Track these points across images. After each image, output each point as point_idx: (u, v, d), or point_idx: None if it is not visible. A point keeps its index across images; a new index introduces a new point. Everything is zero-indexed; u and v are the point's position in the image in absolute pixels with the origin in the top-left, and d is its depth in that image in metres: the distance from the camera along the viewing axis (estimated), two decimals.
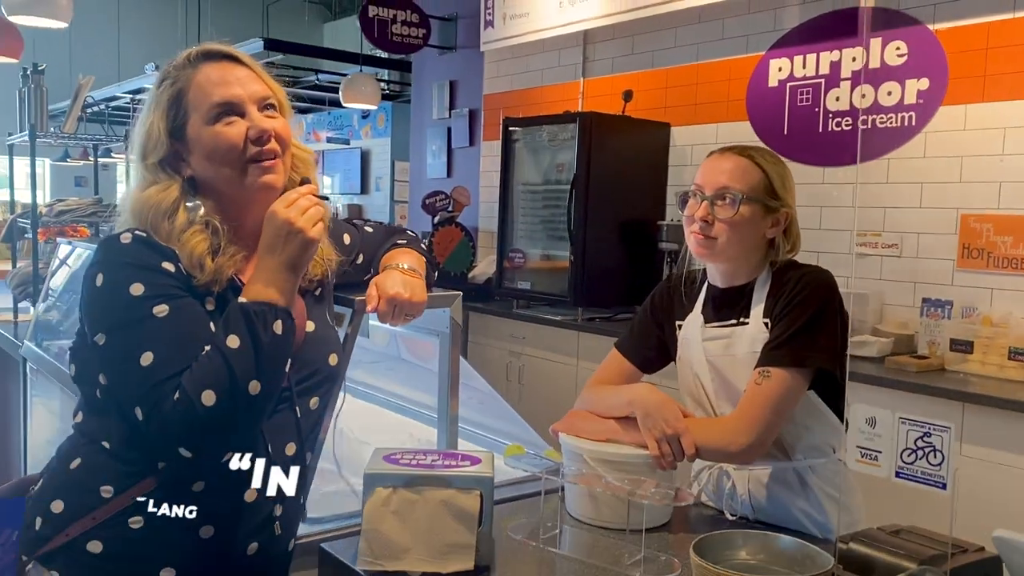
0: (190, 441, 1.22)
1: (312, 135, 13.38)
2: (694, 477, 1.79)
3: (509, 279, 4.89)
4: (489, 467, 1.44)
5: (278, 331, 1.27)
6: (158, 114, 1.37)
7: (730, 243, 1.65)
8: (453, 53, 6.09)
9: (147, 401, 1.21)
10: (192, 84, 1.36)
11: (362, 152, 12.03)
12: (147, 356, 1.22)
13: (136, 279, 1.27)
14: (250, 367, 1.23)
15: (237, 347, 1.23)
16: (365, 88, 6.23)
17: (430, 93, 6.26)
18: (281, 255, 1.30)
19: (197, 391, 1.20)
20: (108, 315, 1.27)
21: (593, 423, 1.66)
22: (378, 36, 5.78)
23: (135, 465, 1.29)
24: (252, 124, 1.35)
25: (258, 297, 1.28)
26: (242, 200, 1.39)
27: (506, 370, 4.78)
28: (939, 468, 1.02)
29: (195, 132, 1.35)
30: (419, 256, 1.63)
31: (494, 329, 4.91)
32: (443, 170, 6.17)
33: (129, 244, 1.31)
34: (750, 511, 1.69)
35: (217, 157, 1.35)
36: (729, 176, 1.65)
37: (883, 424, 1.08)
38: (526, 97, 5.51)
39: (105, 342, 1.26)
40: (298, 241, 1.30)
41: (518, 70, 5.60)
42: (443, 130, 6.15)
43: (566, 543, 1.54)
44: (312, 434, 1.47)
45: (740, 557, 1.23)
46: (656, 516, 1.60)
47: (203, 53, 1.39)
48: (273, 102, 1.40)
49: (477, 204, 5.80)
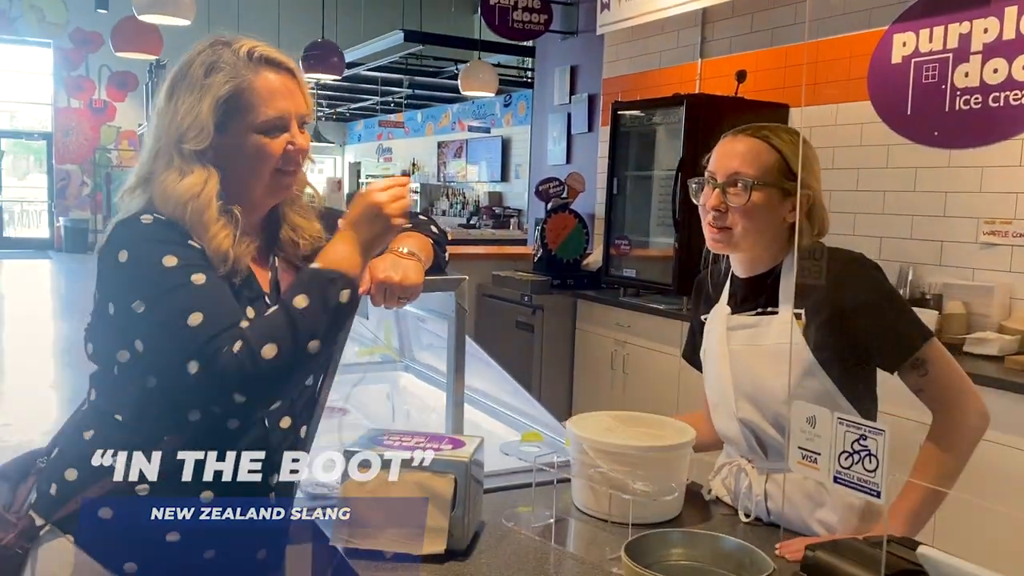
0: (245, 388, 1.26)
1: (457, 124, 13.67)
2: (715, 472, 1.71)
3: (615, 266, 4.81)
4: (468, 452, 1.42)
5: (344, 300, 1.32)
6: (208, 104, 1.36)
7: (746, 232, 1.55)
8: (575, 38, 6.04)
9: (203, 354, 1.24)
10: (251, 87, 1.38)
11: (503, 140, 12.17)
12: (196, 316, 1.25)
13: (167, 252, 1.29)
14: (314, 327, 1.28)
15: (304, 307, 1.28)
16: (482, 75, 6.29)
17: (552, 79, 6.24)
18: (363, 234, 1.37)
19: (260, 343, 1.24)
20: (144, 285, 1.29)
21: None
22: (499, 24, 5.82)
23: (145, 438, 1.34)
24: (292, 141, 1.41)
25: (331, 265, 1.33)
26: (253, 198, 1.43)
27: (611, 358, 4.71)
28: (873, 474, 0.92)
29: (240, 134, 1.38)
30: (422, 239, 1.63)
31: (600, 317, 4.85)
32: (563, 156, 6.14)
33: (151, 225, 1.33)
34: (764, 513, 1.59)
35: (253, 164, 1.39)
36: (741, 160, 1.54)
37: (822, 424, 0.98)
38: (644, 80, 5.39)
39: (146, 309, 1.27)
40: (381, 224, 1.37)
41: (636, 53, 5.48)
42: (563, 116, 6.11)
43: (559, 534, 1.50)
44: (306, 410, 1.50)
45: (674, 558, 1.16)
46: (662, 511, 1.54)
47: (266, 58, 1.40)
48: (308, 119, 1.45)
49: (594, 190, 5.74)
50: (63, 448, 1.42)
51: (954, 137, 3.62)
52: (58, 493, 1.35)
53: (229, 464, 1.38)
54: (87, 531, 1.34)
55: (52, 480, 1.37)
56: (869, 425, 0.94)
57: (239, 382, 1.25)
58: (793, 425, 1.04)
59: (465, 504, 1.40)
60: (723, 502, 1.68)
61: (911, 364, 1.50)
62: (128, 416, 1.36)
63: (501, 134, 12.28)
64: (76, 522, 1.33)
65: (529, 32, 5.94)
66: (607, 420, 1.69)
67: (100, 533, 1.34)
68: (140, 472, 1.33)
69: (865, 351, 1.51)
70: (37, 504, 1.37)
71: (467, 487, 1.40)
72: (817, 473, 1.00)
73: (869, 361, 1.54)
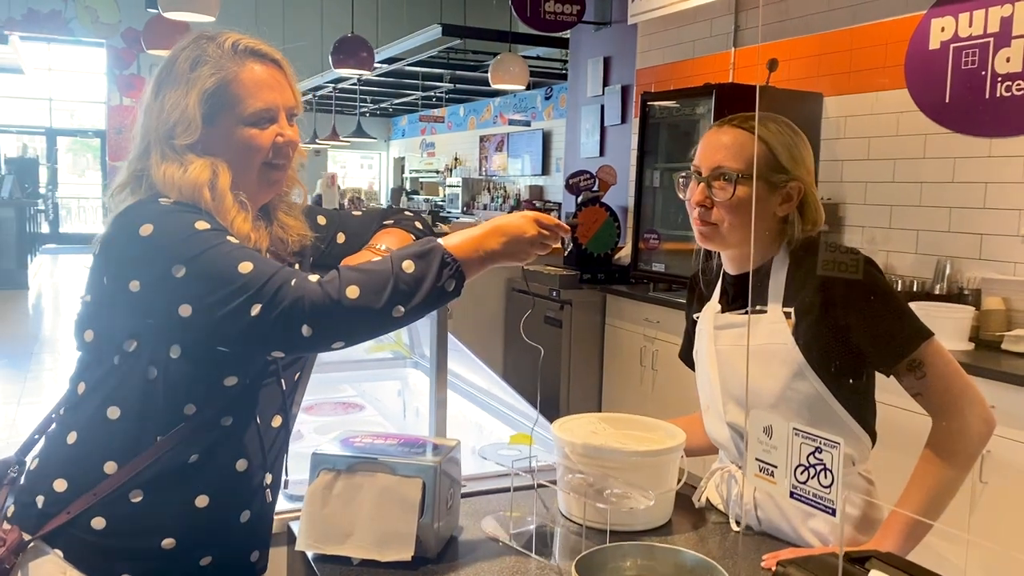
0: (315, 321, 1.20)
1: (499, 118, 13.63)
2: (708, 477, 1.64)
3: (644, 261, 4.72)
4: (438, 456, 1.38)
5: (448, 288, 1.28)
6: (194, 97, 1.34)
7: (732, 228, 1.48)
8: (608, 28, 5.95)
9: (266, 292, 1.19)
10: (237, 79, 1.35)
11: (544, 133, 12.09)
12: (245, 265, 1.21)
13: (198, 218, 1.26)
14: (408, 294, 1.23)
15: (411, 272, 1.24)
16: (513, 68, 6.22)
17: (585, 70, 6.16)
18: (499, 244, 1.33)
19: (348, 281, 1.21)
20: (180, 250, 1.23)
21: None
22: (530, 15, 5.74)
23: (137, 435, 1.30)
24: (282, 133, 1.37)
25: (455, 251, 1.29)
26: (247, 191, 1.38)
27: (640, 355, 4.63)
28: (828, 490, 0.84)
29: (228, 127, 1.35)
30: (403, 236, 1.58)
31: (629, 312, 4.77)
32: (596, 149, 6.05)
33: (171, 204, 1.29)
34: (756, 522, 1.51)
35: (242, 156, 1.36)
36: (726, 153, 1.47)
37: (779, 434, 0.90)
38: (677, 71, 5.27)
39: (187, 271, 1.21)
40: (520, 252, 1.35)
41: (669, 42, 5.37)
42: (597, 108, 6.02)
43: (540, 542, 1.44)
44: (294, 407, 1.47)
45: (628, 572, 1.09)
46: (648, 519, 1.47)
47: (252, 50, 1.38)
48: (297, 112, 1.42)
49: (626, 183, 5.65)
50: (45, 458, 1.36)
51: (995, 125, 3.46)
52: (45, 505, 1.30)
53: (223, 466, 1.34)
54: (76, 545, 1.29)
55: (38, 492, 1.31)
56: (825, 437, 0.87)
57: (311, 313, 1.19)
58: (750, 434, 0.97)
59: (434, 509, 1.36)
60: (717, 509, 1.61)
61: (907, 366, 1.40)
62: (123, 411, 1.30)
63: (542, 127, 12.20)
64: (65, 536, 1.28)
65: (561, 23, 5.85)
66: (595, 423, 1.62)
67: (90, 547, 1.29)
68: (135, 476, 1.28)
69: (858, 351, 1.43)
70: (19, 517, 1.32)
71: (436, 492, 1.36)
72: (775, 487, 0.93)
73: (863, 362, 1.45)
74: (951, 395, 1.40)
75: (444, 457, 1.39)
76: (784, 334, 1.46)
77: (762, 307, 1.50)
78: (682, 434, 1.56)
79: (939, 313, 3.23)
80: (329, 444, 1.42)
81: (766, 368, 1.45)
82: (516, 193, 12.70)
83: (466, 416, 2.39)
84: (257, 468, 1.38)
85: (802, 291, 1.46)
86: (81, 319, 1.36)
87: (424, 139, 16.75)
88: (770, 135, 1.47)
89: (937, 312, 3.23)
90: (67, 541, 1.29)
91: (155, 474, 1.29)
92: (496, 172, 13.71)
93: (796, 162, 1.47)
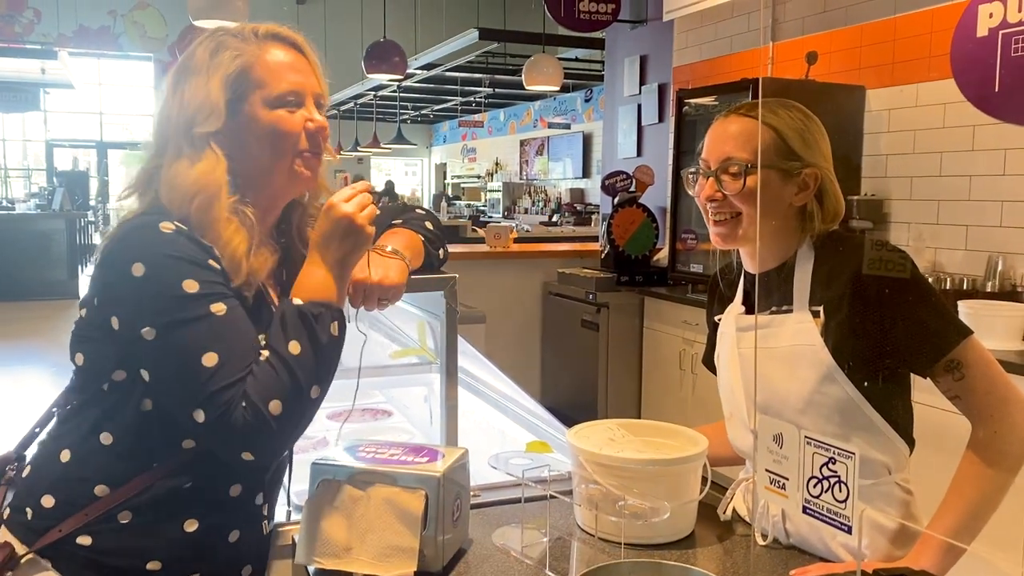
0: (256, 447, 1.19)
1: (539, 122, 13.58)
2: (733, 488, 1.55)
3: (682, 262, 4.62)
4: (443, 466, 1.31)
5: (335, 333, 1.24)
6: (216, 82, 1.28)
7: (752, 221, 1.39)
8: (644, 27, 5.85)
9: (213, 406, 1.16)
10: (259, 62, 1.30)
11: (584, 136, 12.00)
12: (211, 356, 1.16)
13: (189, 275, 1.19)
14: (312, 372, 1.21)
15: (299, 353, 1.20)
16: (547, 70, 6.15)
17: (621, 70, 6.06)
18: (337, 251, 1.27)
19: (264, 400, 1.17)
20: (160, 310, 1.18)
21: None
22: (564, 15, 5.67)
23: (131, 462, 1.26)
24: (311, 118, 1.32)
25: (313, 296, 1.24)
26: (271, 192, 1.34)
27: (679, 358, 4.52)
28: (844, 505, 0.76)
29: (253, 112, 1.29)
30: (411, 236, 1.53)
31: (668, 315, 4.66)
32: (633, 149, 5.95)
33: (173, 235, 1.22)
34: (783, 535, 1.42)
35: (271, 142, 1.30)
36: (734, 143, 1.38)
37: (789, 443, 0.82)
38: (715, 67, 5.16)
39: (157, 338, 1.18)
40: (355, 238, 1.28)
41: (707, 39, 5.26)
42: (634, 107, 5.92)
43: (554, 555, 1.37)
44: None
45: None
46: (669, 531, 1.39)
47: (272, 33, 1.34)
48: (324, 101, 1.37)
49: (665, 183, 5.53)
50: (37, 468, 1.33)
51: None
52: (34, 519, 1.27)
53: (217, 491, 1.30)
54: (64, 561, 1.26)
55: (27, 505, 1.29)
56: (838, 447, 0.79)
57: (248, 440, 1.18)
58: (760, 443, 0.88)
59: (438, 522, 1.29)
60: (744, 521, 1.52)
61: (944, 366, 1.30)
62: (116, 439, 1.26)
63: (582, 129, 12.11)
64: (57, 550, 1.26)
65: (596, 23, 5.77)
66: (613, 429, 1.55)
67: (79, 562, 1.26)
68: (126, 500, 1.25)
69: (892, 351, 1.33)
70: (13, 525, 1.29)
71: (440, 504, 1.29)
72: (786, 501, 0.85)
73: (897, 363, 1.35)
74: (993, 397, 1.29)
75: (449, 466, 1.32)
76: (812, 334, 1.36)
77: (788, 306, 1.42)
78: (704, 441, 1.47)
79: (990, 312, 3.08)
80: (336, 452, 1.36)
81: (793, 371, 1.36)
82: (557, 196, 12.62)
83: (490, 423, 2.33)
84: (252, 492, 1.34)
85: (829, 288, 1.37)
86: (74, 338, 1.33)
87: (465, 144, 16.76)
88: (779, 121, 1.38)
89: (988, 311, 3.08)
90: (56, 556, 1.26)
91: (148, 499, 1.26)
92: (537, 176, 13.65)
93: (809, 147, 1.38)
